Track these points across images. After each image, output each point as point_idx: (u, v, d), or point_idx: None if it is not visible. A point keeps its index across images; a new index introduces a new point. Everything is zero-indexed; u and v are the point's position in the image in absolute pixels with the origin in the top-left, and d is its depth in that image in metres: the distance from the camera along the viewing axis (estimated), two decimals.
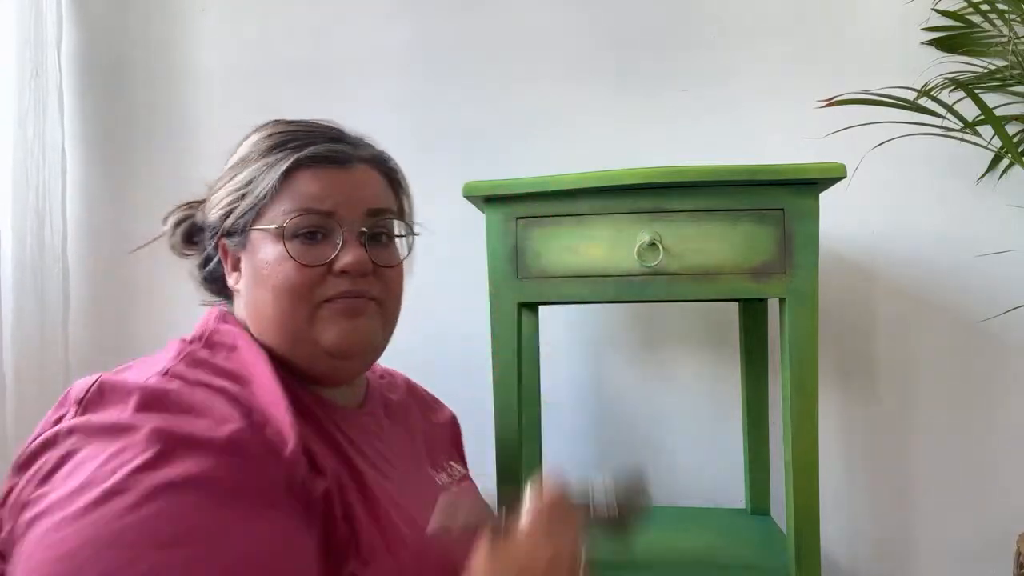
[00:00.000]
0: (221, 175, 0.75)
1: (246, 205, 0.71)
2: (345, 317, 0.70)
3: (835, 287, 1.42)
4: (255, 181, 0.71)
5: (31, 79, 1.51)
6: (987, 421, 1.40)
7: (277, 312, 0.69)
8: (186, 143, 1.66)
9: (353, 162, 0.73)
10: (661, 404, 1.51)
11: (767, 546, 1.15)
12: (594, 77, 1.52)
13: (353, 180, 0.73)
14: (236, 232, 0.73)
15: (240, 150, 0.75)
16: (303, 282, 0.68)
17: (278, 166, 0.70)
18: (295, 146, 0.71)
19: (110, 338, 1.67)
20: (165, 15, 1.68)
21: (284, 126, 0.74)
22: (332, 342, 0.69)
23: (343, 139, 0.75)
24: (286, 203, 0.70)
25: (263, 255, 0.70)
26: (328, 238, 0.70)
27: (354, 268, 0.69)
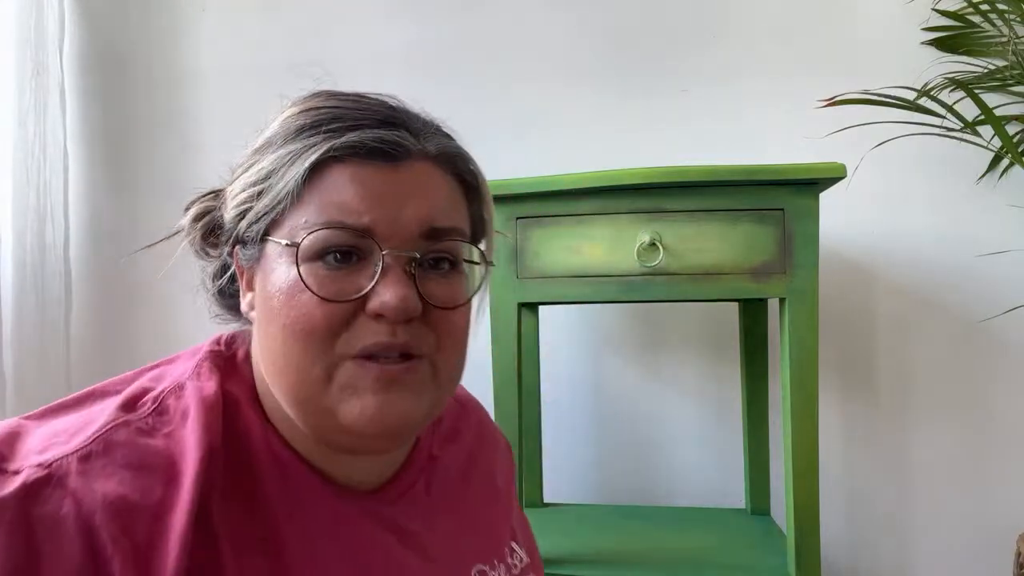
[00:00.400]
0: (243, 157, 0.56)
1: (263, 206, 0.51)
2: (375, 388, 0.49)
3: (835, 287, 1.42)
4: (275, 175, 0.51)
5: (31, 78, 1.51)
6: (987, 421, 1.40)
7: (284, 362, 0.50)
8: (190, 142, 1.67)
9: (410, 158, 0.51)
10: (661, 404, 1.51)
11: (767, 546, 1.15)
12: (594, 77, 1.52)
13: (406, 184, 0.51)
14: (250, 241, 0.53)
15: (269, 126, 0.55)
16: (321, 324, 0.48)
17: (304, 157, 0.50)
18: (332, 130, 0.50)
19: (113, 339, 1.67)
20: (168, 13, 1.68)
21: (324, 99, 0.53)
22: (352, 421, 0.49)
23: (403, 123, 0.52)
24: (310, 210, 0.50)
25: (276, 278, 0.51)
26: (364, 263, 0.50)
27: (393, 311, 0.48)
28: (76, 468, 0.45)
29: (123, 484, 0.45)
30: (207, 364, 0.55)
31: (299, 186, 0.50)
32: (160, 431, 0.50)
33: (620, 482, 1.52)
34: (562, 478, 1.50)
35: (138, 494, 0.45)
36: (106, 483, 0.45)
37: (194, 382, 0.53)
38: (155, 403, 0.52)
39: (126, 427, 0.49)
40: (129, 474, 0.46)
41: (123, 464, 0.47)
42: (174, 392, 0.52)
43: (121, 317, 1.67)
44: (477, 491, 0.66)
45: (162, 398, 0.52)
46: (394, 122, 0.52)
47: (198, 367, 0.55)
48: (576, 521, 1.29)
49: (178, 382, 0.53)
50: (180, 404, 0.52)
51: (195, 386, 0.53)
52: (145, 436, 0.49)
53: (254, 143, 0.55)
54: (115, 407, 0.51)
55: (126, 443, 0.48)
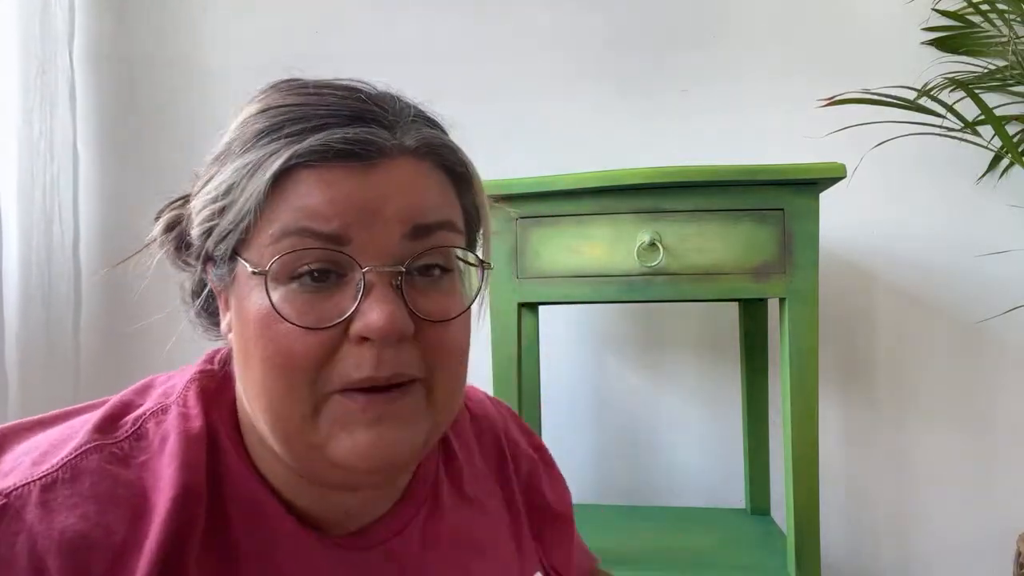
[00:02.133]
0: (204, 163, 0.50)
1: (227, 224, 0.45)
2: (367, 422, 0.44)
3: (835, 287, 1.42)
4: (236, 188, 0.45)
5: (37, 76, 1.49)
6: (987, 421, 1.40)
7: (267, 397, 0.44)
8: (203, 141, 1.65)
9: (385, 155, 0.45)
10: (661, 404, 1.51)
11: (767, 546, 1.15)
12: (594, 77, 1.52)
13: (382, 185, 0.44)
14: (219, 260, 0.47)
15: (229, 128, 0.49)
16: (303, 357, 0.43)
17: (265, 167, 0.44)
18: (294, 133, 0.44)
19: (124, 341, 1.66)
20: (183, 10, 1.67)
21: (284, 95, 0.47)
22: (342, 458, 0.44)
23: (375, 117, 0.45)
24: (277, 223, 0.44)
25: (249, 304, 0.45)
26: (344, 280, 0.44)
27: (380, 333, 0.42)
28: (36, 498, 0.42)
29: (85, 519, 0.42)
30: (194, 388, 0.50)
31: (262, 200, 0.43)
32: (135, 459, 0.46)
33: (620, 482, 1.52)
34: None
35: (100, 531, 0.42)
36: (67, 517, 0.42)
37: (178, 408, 0.49)
38: (134, 425, 0.48)
39: (98, 452, 0.45)
40: (94, 507, 0.43)
41: (88, 495, 0.43)
42: (155, 416, 0.48)
43: (132, 319, 1.65)
44: (486, 519, 0.60)
45: (142, 421, 0.48)
46: (364, 116, 0.45)
47: (185, 390, 0.50)
48: (576, 521, 1.29)
49: (162, 404, 0.49)
50: (160, 430, 0.47)
51: (179, 413, 0.48)
52: (117, 463, 0.45)
53: (214, 149, 0.49)
54: (91, 427, 0.47)
55: (95, 471, 0.44)
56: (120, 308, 1.66)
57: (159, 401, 0.50)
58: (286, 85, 0.49)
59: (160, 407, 0.49)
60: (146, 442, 0.47)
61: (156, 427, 0.48)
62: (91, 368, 1.62)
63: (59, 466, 0.44)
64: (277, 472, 0.49)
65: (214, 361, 0.53)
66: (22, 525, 0.41)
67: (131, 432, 0.47)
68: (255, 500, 0.48)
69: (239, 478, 0.48)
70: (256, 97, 0.49)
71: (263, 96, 0.48)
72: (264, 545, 0.48)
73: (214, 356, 0.54)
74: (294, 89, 0.48)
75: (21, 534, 0.41)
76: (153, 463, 0.46)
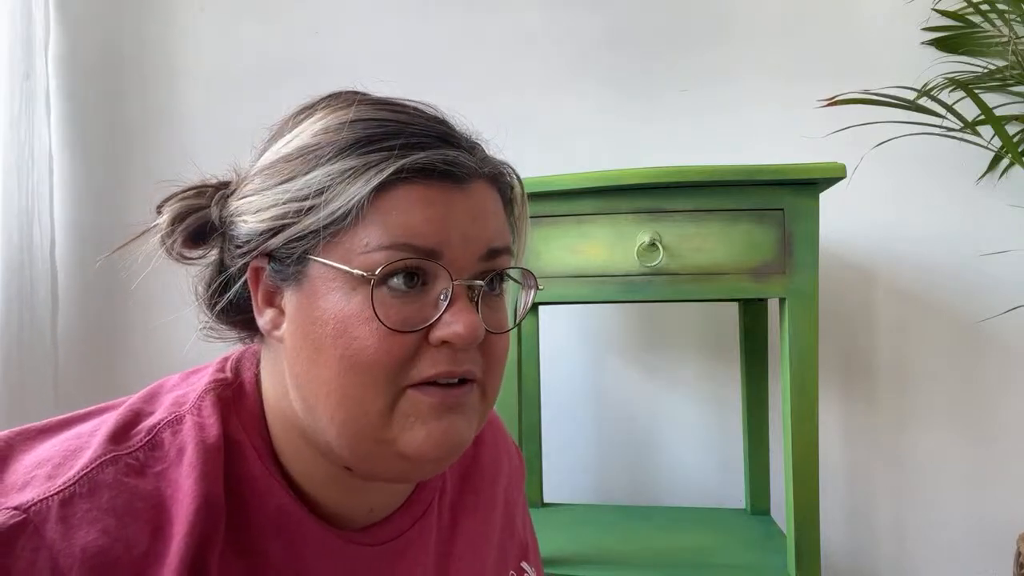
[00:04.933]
0: (264, 163, 0.50)
1: (311, 224, 0.47)
2: (437, 414, 0.48)
3: (835, 287, 1.42)
4: (331, 192, 0.46)
5: (23, 81, 1.50)
6: (987, 421, 1.40)
7: (341, 394, 0.47)
8: (176, 144, 1.66)
9: (473, 178, 0.49)
10: (661, 404, 1.51)
11: (767, 546, 1.15)
12: (594, 77, 1.52)
13: (471, 207, 0.49)
14: (287, 258, 0.48)
15: (300, 132, 0.50)
16: (389, 355, 0.46)
17: (368, 175, 0.46)
18: (395, 147, 0.47)
19: (99, 341, 1.66)
20: (158, 15, 1.68)
21: (376, 110, 0.49)
22: (415, 448, 0.47)
23: (458, 141, 0.50)
24: (375, 232, 0.46)
25: (329, 304, 0.47)
26: (428, 288, 0.48)
27: (464, 341, 0.47)
28: (56, 514, 0.43)
29: (106, 533, 0.42)
30: (210, 398, 0.51)
31: (363, 208, 0.46)
32: (151, 468, 0.47)
33: (620, 482, 1.52)
34: (562, 478, 1.50)
35: (122, 545, 0.43)
36: (87, 533, 0.42)
37: (194, 417, 0.49)
38: (149, 435, 0.48)
39: (114, 464, 0.46)
40: (114, 521, 0.43)
41: (107, 508, 0.44)
42: (171, 425, 0.49)
43: (107, 318, 1.66)
44: (484, 512, 0.64)
45: (157, 430, 0.49)
46: (452, 141, 0.49)
47: (200, 400, 0.51)
48: (576, 521, 1.29)
49: (176, 414, 0.50)
50: (176, 440, 0.48)
51: (195, 423, 0.49)
52: (134, 475, 0.46)
53: (280, 150, 0.50)
54: (105, 437, 0.47)
55: (112, 484, 0.45)
56: (96, 308, 1.66)
57: (173, 410, 0.50)
58: (365, 99, 0.51)
59: (175, 417, 0.49)
60: (162, 452, 0.47)
61: (172, 437, 0.48)
62: (69, 367, 1.63)
63: (76, 479, 0.44)
64: (311, 473, 0.51)
65: (226, 369, 0.54)
66: (42, 541, 0.41)
67: (146, 441, 0.48)
68: (279, 504, 0.50)
69: (262, 484, 0.49)
70: (333, 106, 0.50)
71: (343, 107, 0.50)
72: (290, 547, 0.50)
73: (225, 364, 0.54)
74: (380, 105, 0.50)
75: (42, 550, 0.41)
76: (170, 473, 0.47)
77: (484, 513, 0.64)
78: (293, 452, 0.51)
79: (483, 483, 0.65)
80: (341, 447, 0.48)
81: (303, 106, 0.53)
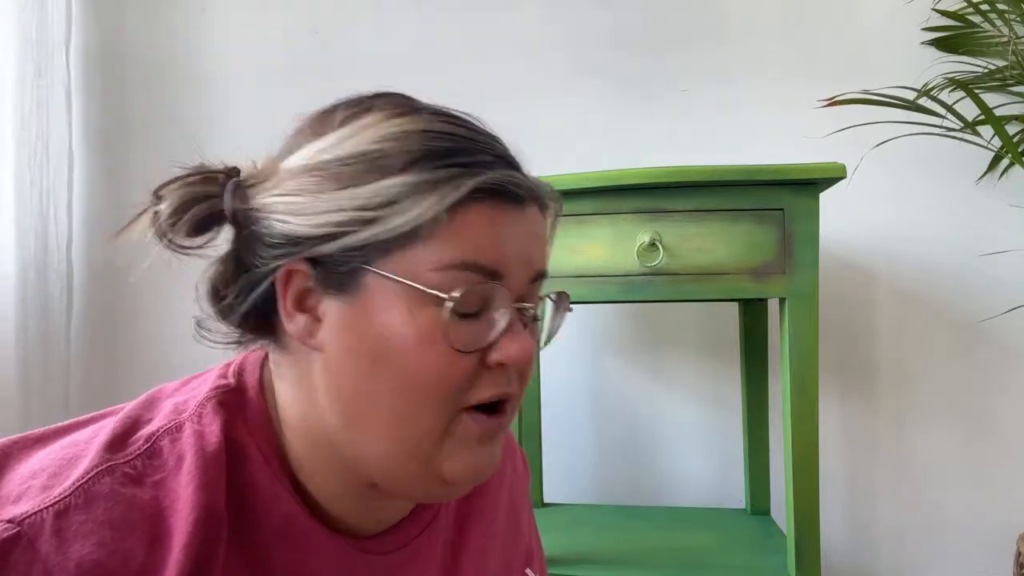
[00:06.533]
0: (310, 162, 0.47)
1: (377, 235, 0.44)
2: (483, 442, 0.48)
3: (835, 287, 1.42)
4: (401, 204, 0.44)
5: (34, 79, 1.51)
6: (987, 421, 1.40)
7: (395, 412, 0.45)
8: (194, 142, 1.66)
9: (529, 200, 0.49)
10: (661, 404, 1.51)
11: (767, 546, 1.15)
12: (594, 77, 1.52)
13: (530, 230, 0.49)
14: (338, 266, 0.46)
15: (354, 135, 0.47)
16: (454, 379, 0.45)
17: (444, 191, 0.44)
18: (468, 164, 0.46)
19: (112, 341, 1.67)
20: (180, 13, 1.67)
21: (440, 121, 0.48)
22: (456, 472, 0.47)
23: (516, 162, 0.50)
24: (445, 249, 0.45)
25: (390, 319, 0.45)
26: (488, 310, 0.47)
27: (521, 363, 0.47)
28: (50, 527, 0.41)
29: (102, 547, 0.41)
30: (211, 405, 0.49)
31: (439, 223, 0.44)
32: (149, 477, 0.45)
33: (620, 482, 1.52)
34: (562, 478, 1.50)
35: (118, 558, 0.41)
36: (82, 546, 0.41)
37: (194, 425, 0.48)
38: (147, 443, 0.47)
39: (110, 474, 0.44)
40: (110, 533, 0.42)
41: (103, 520, 0.42)
42: (170, 433, 0.47)
43: (122, 319, 1.66)
44: (490, 518, 0.63)
45: (155, 438, 0.47)
46: (512, 160, 0.50)
47: (201, 407, 0.49)
48: (576, 521, 1.29)
49: (176, 421, 0.48)
50: (175, 449, 0.47)
51: (195, 430, 0.47)
52: (131, 484, 0.44)
53: (331, 150, 0.46)
54: (101, 445, 0.46)
55: (109, 495, 0.43)
56: (112, 308, 1.66)
57: (172, 417, 0.49)
58: (434, 111, 0.49)
59: (174, 424, 0.48)
60: (160, 460, 0.46)
61: (171, 445, 0.47)
62: (82, 368, 1.63)
63: (71, 491, 0.43)
64: (328, 485, 0.50)
65: (228, 375, 0.52)
66: (36, 555, 0.41)
67: (144, 450, 0.46)
68: (285, 511, 0.48)
69: (268, 491, 0.48)
70: (397, 110, 0.48)
71: (413, 114, 0.48)
72: (296, 555, 0.49)
73: (227, 370, 0.52)
74: (440, 116, 0.49)
75: (36, 564, 0.40)
76: (169, 482, 0.45)
77: (489, 519, 0.63)
78: (311, 462, 0.49)
79: (489, 489, 0.64)
80: (383, 464, 0.47)
81: (346, 103, 0.50)
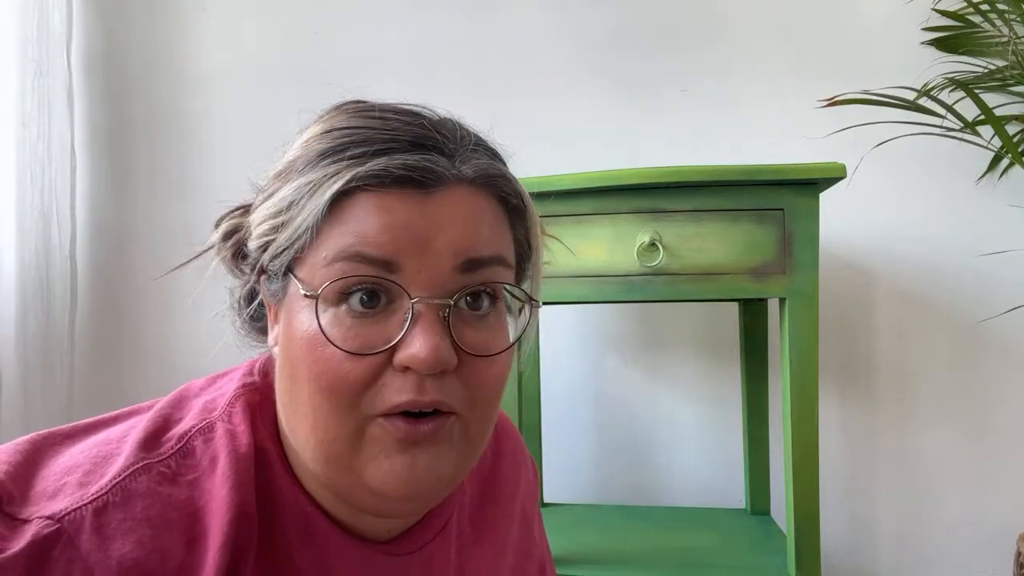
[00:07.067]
0: (265, 180, 0.50)
1: (283, 240, 0.46)
2: (402, 449, 0.44)
3: (835, 287, 1.42)
4: (295, 206, 0.45)
5: (34, 79, 1.50)
6: (987, 421, 1.40)
7: (313, 416, 0.45)
8: (198, 143, 1.65)
9: (442, 184, 0.45)
10: (661, 404, 1.51)
11: (767, 546, 1.15)
12: (594, 77, 1.52)
13: (437, 214, 0.44)
14: (273, 274, 0.47)
15: (291, 149, 0.49)
16: (348, 382, 0.43)
17: (325, 187, 0.44)
18: (356, 156, 0.44)
19: (117, 342, 1.66)
20: (181, 12, 1.67)
21: (348, 117, 0.47)
22: (378, 482, 0.44)
23: (435, 144, 0.46)
24: (331, 244, 0.44)
25: (299, 322, 0.45)
26: (393, 307, 0.44)
27: (424, 365, 0.42)
28: (90, 524, 0.41)
29: (141, 545, 0.41)
30: (240, 404, 0.50)
31: (319, 221, 0.44)
32: (184, 477, 0.45)
33: (620, 482, 1.52)
34: (562, 478, 1.50)
35: (157, 557, 0.42)
36: (122, 544, 0.41)
37: (225, 425, 0.48)
38: (180, 442, 0.47)
39: (147, 472, 0.44)
40: (148, 532, 0.42)
41: (142, 519, 0.42)
42: (202, 432, 0.48)
43: (126, 320, 1.66)
44: (503, 526, 0.62)
45: (188, 437, 0.47)
46: (425, 143, 0.45)
47: (230, 406, 0.50)
48: (576, 521, 1.29)
49: (207, 421, 0.49)
50: (209, 449, 0.47)
51: (226, 430, 0.48)
52: (167, 483, 0.45)
53: (276, 165, 0.49)
54: (135, 444, 0.46)
55: (146, 493, 0.43)
56: (113, 310, 1.66)
57: (203, 416, 0.49)
58: (352, 107, 0.49)
59: (206, 424, 0.48)
60: (193, 460, 0.46)
61: (204, 445, 0.47)
62: (85, 368, 1.62)
63: (109, 488, 0.43)
64: (317, 488, 0.49)
65: (255, 372, 0.53)
66: (77, 553, 0.41)
67: (177, 449, 0.47)
68: (305, 515, 0.48)
69: (289, 496, 0.48)
70: (322, 117, 0.49)
71: (328, 117, 0.48)
72: (319, 559, 0.49)
73: (253, 367, 0.53)
74: (359, 112, 0.47)
75: (76, 561, 0.40)
76: (203, 482, 0.46)
77: (503, 527, 0.62)
78: (302, 469, 0.49)
79: (502, 496, 0.63)
80: (319, 472, 0.46)
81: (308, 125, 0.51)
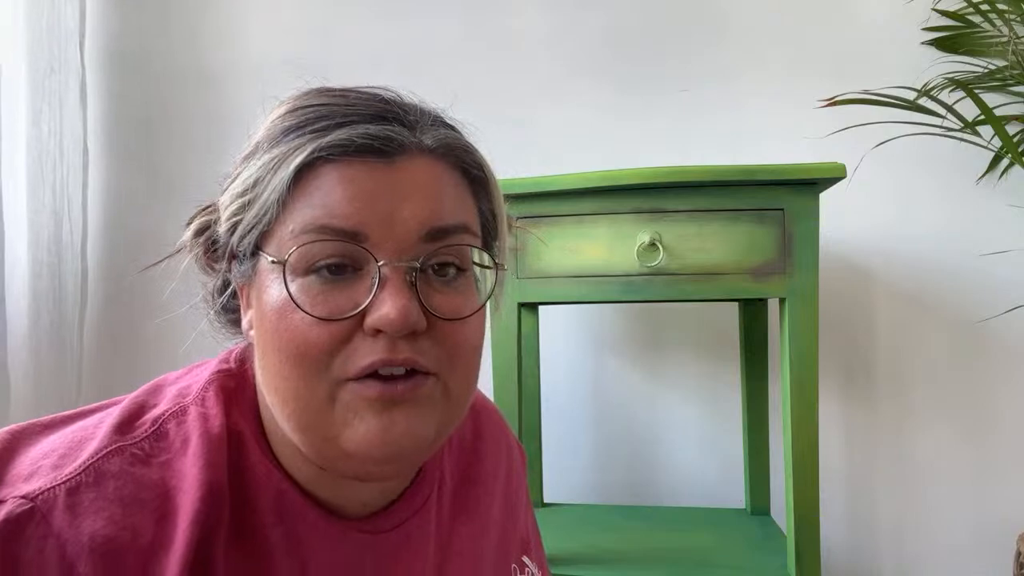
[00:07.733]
0: (232, 166, 0.52)
1: (251, 218, 0.47)
2: (378, 408, 0.45)
3: (835, 287, 1.42)
4: (261, 183, 0.46)
5: (45, 77, 1.49)
6: (987, 421, 1.40)
7: (285, 387, 0.46)
8: (213, 141, 1.64)
9: (405, 153, 0.47)
10: (661, 404, 1.51)
11: (767, 546, 1.15)
12: (594, 77, 1.52)
13: (402, 183, 0.46)
14: (242, 255, 0.49)
15: (257, 132, 0.51)
16: (317, 346, 0.44)
17: (289, 160, 0.45)
18: (318, 130, 0.46)
19: (127, 340, 1.66)
20: (195, 9, 1.67)
21: (312, 97, 0.49)
22: (355, 445, 0.45)
23: (396, 116, 0.48)
24: (298, 217, 0.45)
25: (269, 296, 0.46)
26: (361, 274, 0.45)
27: (393, 326, 0.43)
28: (63, 502, 0.43)
29: (112, 522, 0.43)
30: (213, 388, 0.51)
31: (284, 193, 0.45)
32: (156, 458, 0.47)
33: (620, 482, 1.52)
34: (562, 478, 1.50)
35: (128, 533, 0.43)
36: (94, 521, 0.42)
37: (198, 408, 0.50)
38: (153, 425, 0.48)
39: (120, 454, 0.46)
40: (120, 510, 0.43)
41: (114, 498, 0.44)
42: (175, 416, 0.49)
43: (137, 318, 1.65)
44: (484, 506, 0.63)
45: (162, 421, 0.49)
46: (386, 116, 0.47)
47: (203, 391, 0.51)
48: (576, 521, 1.29)
49: (180, 405, 0.50)
50: (181, 431, 0.48)
51: (199, 413, 0.49)
52: (140, 464, 0.46)
53: (243, 149, 0.50)
54: (110, 428, 0.47)
55: (118, 474, 0.45)
56: (123, 308, 1.66)
57: (176, 401, 0.50)
58: (314, 90, 0.50)
59: (179, 408, 0.50)
60: (166, 442, 0.48)
61: (177, 427, 0.49)
62: (94, 365, 1.62)
63: (82, 469, 0.44)
64: (299, 465, 0.50)
65: (230, 360, 0.54)
66: (50, 530, 0.42)
67: (151, 432, 0.48)
68: (279, 493, 0.49)
69: (263, 474, 0.49)
70: (284, 101, 0.51)
71: (291, 100, 0.50)
72: (291, 537, 0.49)
73: (230, 355, 0.54)
74: (322, 93, 0.50)
75: (49, 538, 0.42)
76: (176, 463, 0.47)
77: (484, 507, 0.63)
78: (281, 447, 0.50)
79: (483, 476, 0.64)
80: (299, 443, 0.47)
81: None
